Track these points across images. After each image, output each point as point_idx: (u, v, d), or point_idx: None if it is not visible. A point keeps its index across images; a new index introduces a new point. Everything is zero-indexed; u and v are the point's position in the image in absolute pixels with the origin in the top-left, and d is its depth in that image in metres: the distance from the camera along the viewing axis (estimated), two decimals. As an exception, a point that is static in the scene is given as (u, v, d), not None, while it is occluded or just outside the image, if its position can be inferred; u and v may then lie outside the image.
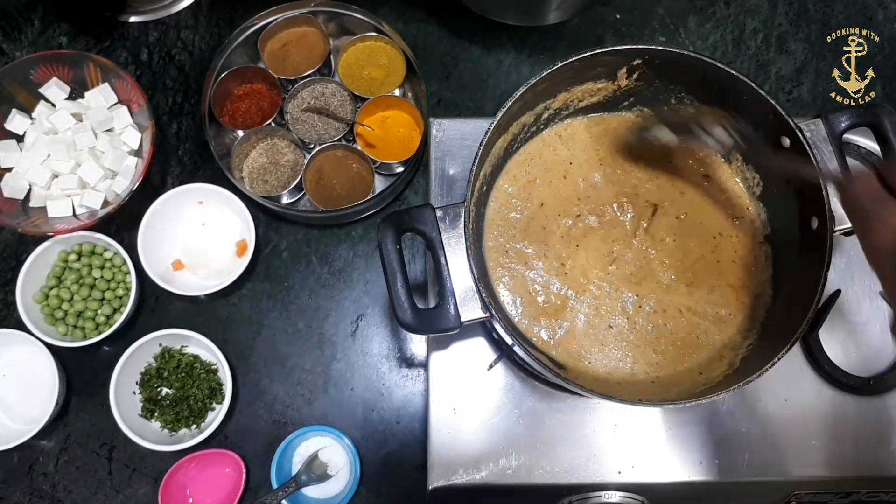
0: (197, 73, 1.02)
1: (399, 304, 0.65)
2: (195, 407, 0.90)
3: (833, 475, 0.78)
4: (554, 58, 0.81)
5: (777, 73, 1.03)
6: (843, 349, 0.81)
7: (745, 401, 0.79)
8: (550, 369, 0.66)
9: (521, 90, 0.69)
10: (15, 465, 0.90)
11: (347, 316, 0.95)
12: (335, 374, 0.93)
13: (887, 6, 1.05)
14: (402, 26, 1.01)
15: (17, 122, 0.93)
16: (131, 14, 1.04)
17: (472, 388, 0.80)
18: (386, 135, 0.97)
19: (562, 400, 0.80)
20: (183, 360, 0.91)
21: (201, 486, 0.89)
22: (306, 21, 0.98)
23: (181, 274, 0.94)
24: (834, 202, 0.68)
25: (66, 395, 0.91)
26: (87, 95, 0.95)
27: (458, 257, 0.67)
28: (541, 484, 0.77)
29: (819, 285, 0.65)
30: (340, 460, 0.90)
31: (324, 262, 0.96)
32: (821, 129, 0.72)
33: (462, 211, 0.67)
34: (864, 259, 0.83)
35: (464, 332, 0.73)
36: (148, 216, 0.91)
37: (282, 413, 0.92)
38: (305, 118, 0.96)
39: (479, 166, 0.69)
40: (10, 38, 1.03)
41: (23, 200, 0.92)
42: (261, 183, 0.96)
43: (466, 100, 1.01)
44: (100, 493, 0.90)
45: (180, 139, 1.00)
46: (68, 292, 0.91)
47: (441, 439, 0.79)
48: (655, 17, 1.05)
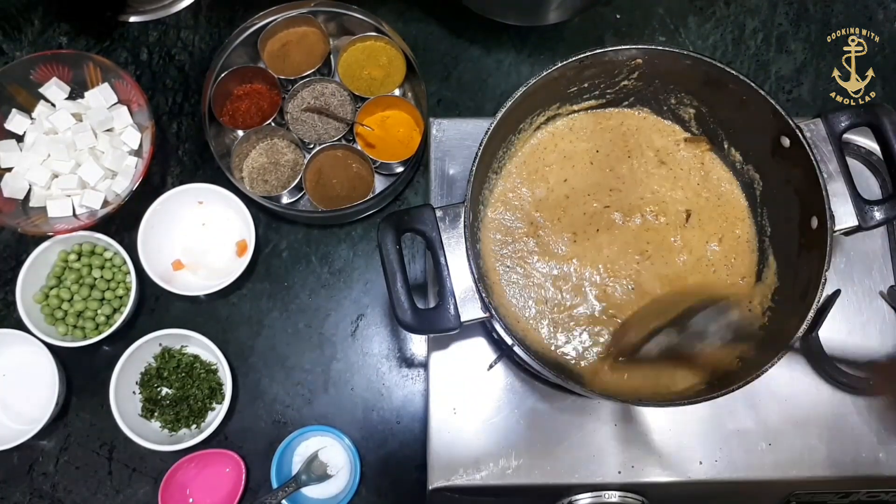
0: (197, 73, 1.02)
1: (399, 304, 0.65)
2: (195, 407, 0.90)
3: (833, 475, 0.78)
4: (554, 58, 0.81)
5: (777, 73, 1.03)
6: (843, 349, 0.81)
7: (746, 401, 0.79)
8: (551, 369, 0.66)
9: (521, 90, 0.69)
10: (15, 465, 0.90)
11: (347, 316, 0.95)
12: (335, 374, 0.93)
13: (887, 6, 1.05)
14: (402, 26, 1.01)
15: (17, 122, 0.93)
16: (131, 14, 1.04)
17: (472, 388, 0.80)
18: (386, 135, 0.97)
19: (562, 400, 0.80)
20: (183, 360, 0.91)
21: (201, 486, 0.89)
22: (306, 21, 0.98)
23: (181, 274, 0.94)
24: (833, 202, 0.68)
25: (66, 395, 0.91)
26: (87, 95, 0.95)
27: (458, 257, 0.67)
28: (541, 484, 0.77)
29: (819, 285, 0.65)
30: (340, 460, 0.90)
31: (324, 262, 0.96)
32: (821, 129, 0.72)
33: (462, 211, 0.67)
34: (864, 259, 0.84)
35: (464, 332, 0.73)
36: (148, 216, 0.91)
37: (282, 413, 0.92)
38: (305, 118, 0.96)
39: (479, 166, 0.69)
40: (10, 38, 1.03)
41: (23, 200, 0.92)
42: (261, 183, 0.96)
43: (466, 100, 1.01)
44: (100, 493, 0.90)
45: (180, 139, 1.00)
46: (68, 292, 0.91)
47: (441, 439, 0.79)
48: (655, 17, 1.05)
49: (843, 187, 0.70)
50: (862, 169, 0.88)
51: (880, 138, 0.72)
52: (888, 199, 0.71)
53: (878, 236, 0.85)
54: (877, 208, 0.70)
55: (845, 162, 0.71)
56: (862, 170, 0.88)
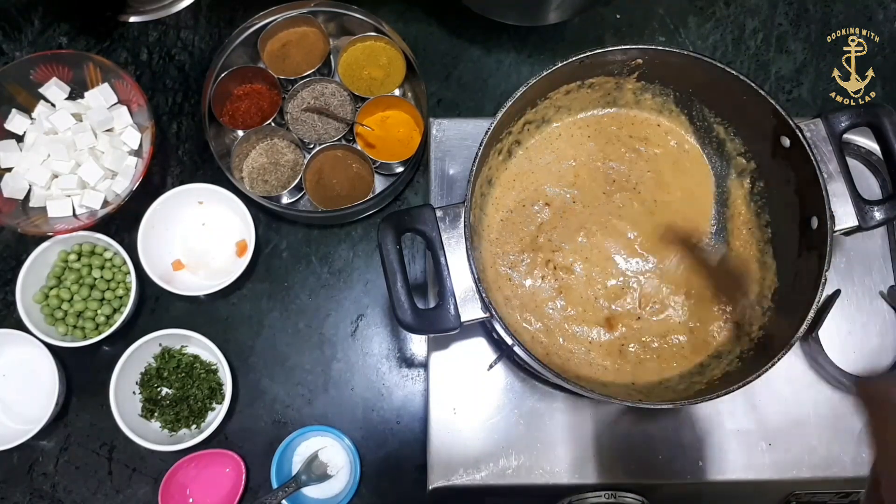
0: (197, 73, 1.02)
1: (399, 305, 0.65)
2: (195, 407, 0.90)
3: (833, 475, 0.78)
4: (554, 58, 0.81)
5: (777, 73, 1.03)
6: (843, 349, 0.81)
7: (746, 401, 0.79)
8: (551, 369, 0.66)
9: (521, 90, 0.69)
10: (15, 465, 0.90)
11: (347, 316, 0.95)
12: (335, 374, 0.93)
13: (887, 6, 1.05)
14: (402, 26, 1.01)
15: (17, 122, 0.93)
16: (131, 14, 1.04)
17: (472, 388, 0.80)
18: (386, 135, 0.97)
19: (562, 400, 0.80)
20: (183, 360, 0.91)
21: (201, 486, 0.89)
22: (306, 21, 0.98)
23: (181, 274, 0.94)
24: (833, 202, 0.68)
25: (66, 395, 0.91)
26: (86, 95, 0.95)
27: (458, 257, 0.67)
28: (541, 484, 0.77)
29: (819, 285, 0.65)
30: (340, 460, 0.90)
31: (324, 262, 0.96)
32: (821, 129, 0.72)
33: (462, 211, 0.68)
34: (864, 259, 0.84)
35: (464, 332, 0.73)
36: (148, 216, 0.91)
37: (282, 413, 0.92)
38: (305, 118, 0.96)
39: (480, 166, 0.69)
40: (10, 38, 1.03)
41: (23, 200, 0.92)
42: (261, 183, 0.96)
43: (466, 100, 1.01)
44: (100, 493, 0.90)
45: (180, 139, 1.00)
46: (68, 292, 0.91)
47: (441, 439, 0.79)
48: (655, 17, 1.05)
49: (843, 187, 0.71)
50: (862, 169, 0.88)
51: (880, 138, 0.72)
52: (888, 199, 0.71)
53: (878, 236, 0.85)
54: (877, 208, 0.71)
55: (845, 162, 0.71)
56: (862, 170, 0.88)
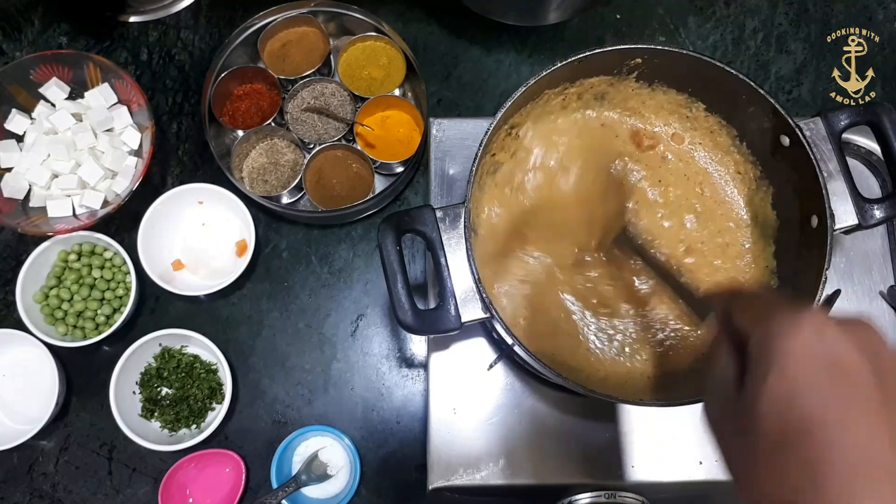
0: (197, 73, 1.02)
1: (399, 305, 0.65)
2: (195, 407, 0.90)
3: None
4: (554, 58, 0.81)
5: (777, 73, 1.03)
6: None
7: (746, 400, 0.79)
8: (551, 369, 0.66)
9: (521, 90, 0.69)
10: (15, 465, 0.90)
11: (347, 316, 0.95)
12: (335, 374, 0.93)
13: (887, 6, 1.05)
14: (402, 26, 1.01)
15: (17, 122, 0.93)
16: (131, 14, 1.04)
17: (472, 388, 0.80)
18: (386, 135, 0.97)
19: (561, 400, 0.80)
20: (183, 360, 0.91)
21: (201, 486, 0.89)
22: (306, 21, 0.98)
23: (181, 274, 0.94)
24: (833, 200, 0.68)
25: (66, 395, 0.91)
26: (87, 95, 0.95)
27: (459, 258, 0.67)
28: (541, 484, 0.77)
29: (819, 285, 0.65)
30: (340, 460, 0.90)
31: (324, 262, 0.96)
32: (820, 128, 0.72)
33: (462, 211, 0.67)
34: (863, 259, 0.84)
35: (464, 333, 0.73)
36: (148, 216, 0.91)
37: (282, 413, 0.92)
38: (305, 118, 0.96)
39: (479, 166, 0.69)
40: (10, 38, 1.03)
41: (23, 200, 0.92)
42: (261, 183, 0.96)
43: (466, 100, 1.01)
44: (100, 493, 0.90)
45: (180, 139, 1.00)
46: (68, 292, 0.91)
47: (441, 439, 0.79)
48: (655, 17, 1.05)
49: (842, 186, 0.70)
50: (862, 169, 0.88)
51: (880, 137, 0.72)
52: (888, 197, 0.71)
53: (878, 236, 0.85)
54: (877, 207, 0.71)
55: (845, 161, 0.71)
56: (862, 170, 0.88)
